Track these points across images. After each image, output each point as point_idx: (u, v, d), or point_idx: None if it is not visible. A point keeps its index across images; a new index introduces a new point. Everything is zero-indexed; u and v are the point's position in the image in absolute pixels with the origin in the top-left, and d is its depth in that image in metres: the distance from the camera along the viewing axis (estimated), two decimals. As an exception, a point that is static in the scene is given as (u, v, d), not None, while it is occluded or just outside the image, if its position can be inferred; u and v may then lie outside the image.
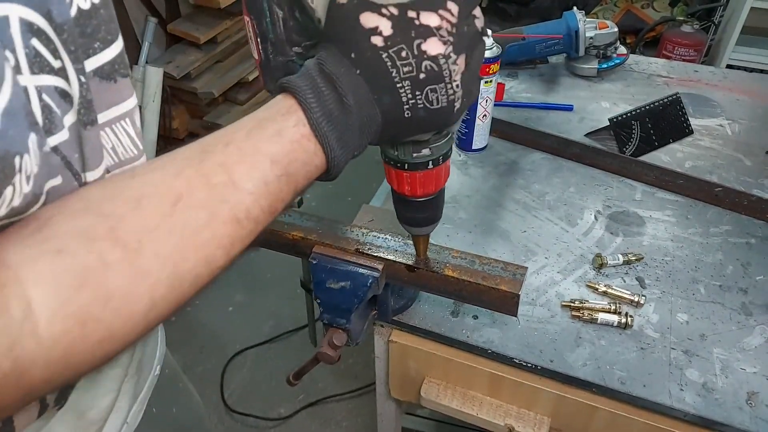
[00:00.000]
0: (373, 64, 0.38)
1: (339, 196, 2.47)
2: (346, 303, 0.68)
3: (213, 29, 2.04)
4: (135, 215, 0.33)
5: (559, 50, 1.27)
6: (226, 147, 0.37)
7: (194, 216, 0.35)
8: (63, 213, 0.33)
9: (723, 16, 2.50)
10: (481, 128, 1.05)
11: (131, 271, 0.33)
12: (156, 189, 0.35)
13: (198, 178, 0.35)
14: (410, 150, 0.49)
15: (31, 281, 0.30)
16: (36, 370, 0.31)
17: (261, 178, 0.37)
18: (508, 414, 0.79)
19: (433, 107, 0.40)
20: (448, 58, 0.39)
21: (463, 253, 0.69)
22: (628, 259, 0.85)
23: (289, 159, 0.38)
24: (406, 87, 0.39)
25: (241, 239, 0.37)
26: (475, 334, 0.77)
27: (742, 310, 0.80)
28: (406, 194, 0.54)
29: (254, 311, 2.08)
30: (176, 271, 0.34)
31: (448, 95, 0.40)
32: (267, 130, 0.38)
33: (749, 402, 0.69)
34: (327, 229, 0.72)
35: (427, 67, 0.38)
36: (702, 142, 1.12)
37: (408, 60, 0.38)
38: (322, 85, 0.39)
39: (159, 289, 0.34)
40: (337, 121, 0.39)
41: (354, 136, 0.40)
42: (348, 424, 1.76)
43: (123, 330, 0.33)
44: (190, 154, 0.37)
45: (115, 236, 0.32)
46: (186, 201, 0.35)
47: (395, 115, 0.41)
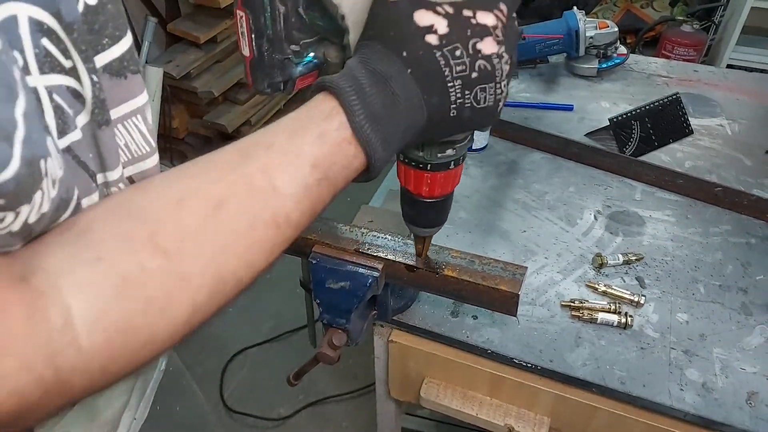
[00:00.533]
0: (426, 63, 0.38)
1: (339, 195, 2.46)
2: (346, 303, 0.68)
3: (213, 29, 2.04)
4: (176, 220, 0.33)
5: (559, 50, 1.27)
6: (267, 150, 0.36)
7: (236, 221, 0.34)
8: (103, 218, 0.33)
9: (723, 15, 2.49)
10: None
11: (172, 277, 0.32)
12: (197, 193, 0.34)
13: (239, 182, 0.35)
14: (437, 150, 0.48)
15: (71, 289, 0.30)
16: (77, 378, 0.31)
17: (302, 183, 0.36)
18: (507, 414, 0.79)
19: (479, 106, 0.40)
20: (501, 58, 0.39)
21: (463, 253, 0.69)
22: (628, 258, 0.85)
23: (329, 162, 0.37)
24: (457, 86, 0.39)
25: (281, 243, 0.37)
26: (474, 334, 0.77)
27: (741, 310, 0.79)
28: (423, 195, 0.53)
29: (254, 311, 2.08)
30: (218, 276, 0.34)
31: (496, 94, 0.40)
32: (309, 133, 0.37)
33: (749, 402, 0.69)
34: (327, 229, 0.72)
35: (480, 67, 0.38)
36: (702, 142, 1.12)
37: (462, 59, 0.38)
38: (367, 85, 0.38)
39: (201, 294, 0.34)
40: (381, 122, 0.38)
41: (398, 138, 0.40)
42: (348, 425, 1.76)
43: (165, 335, 0.33)
44: (231, 157, 0.36)
45: (155, 242, 0.32)
46: (228, 206, 0.34)
47: (441, 114, 0.40)
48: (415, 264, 0.67)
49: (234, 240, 0.34)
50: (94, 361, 0.31)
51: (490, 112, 0.41)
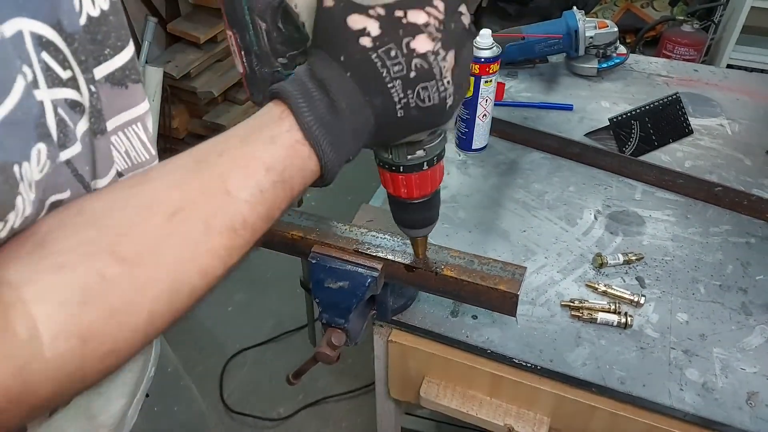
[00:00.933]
0: (363, 65, 0.38)
1: (338, 195, 2.46)
2: (345, 302, 0.68)
3: (213, 29, 2.04)
4: (134, 228, 0.33)
5: (558, 50, 1.27)
6: (220, 157, 0.37)
7: (192, 227, 0.35)
8: (62, 227, 0.33)
9: (723, 15, 2.49)
10: (481, 128, 1.04)
11: (132, 285, 0.33)
12: (154, 201, 0.35)
13: (195, 188, 0.35)
14: (404, 152, 0.49)
15: (35, 299, 0.30)
16: (43, 389, 0.31)
17: (256, 186, 0.37)
18: (507, 414, 0.79)
19: (425, 105, 0.40)
20: (437, 55, 0.39)
21: (462, 253, 0.69)
22: (628, 258, 0.85)
23: (284, 165, 0.38)
24: (397, 86, 0.39)
25: (238, 248, 0.37)
26: (474, 333, 0.77)
27: (742, 310, 0.79)
28: (402, 197, 0.54)
29: (254, 311, 2.08)
30: (175, 284, 0.34)
31: (440, 92, 0.40)
32: (260, 137, 0.38)
33: (749, 402, 0.69)
34: (326, 228, 0.72)
35: (417, 65, 0.38)
36: (702, 142, 1.12)
37: (398, 59, 0.38)
38: (313, 90, 0.39)
39: (159, 302, 0.34)
40: (329, 125, 0.39)
41: (347, 140, 0.40)
42: (347, 424, 1.76)
43: (126, 344, 0.34)
44: (185, 164, 0.37)
45: (114, 250, 0.32)
46: (184, 212, 0.34)
47: (388, 116, 0.40)
48: (413, 264, 0.67)
49: (191, 247, 0.35)
50: (59, 371, 0.31)
51: (439, 111, 0.41)
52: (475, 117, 1.02)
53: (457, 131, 1.06)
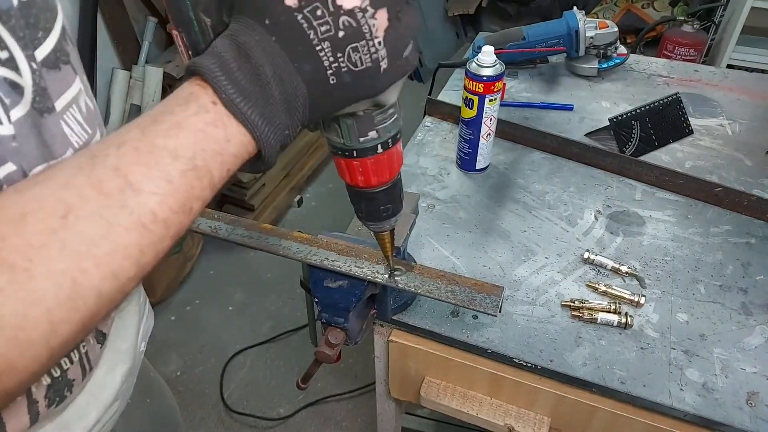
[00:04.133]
0: (288, 27, 0.36)
1: (338, 195, 2.47)
2: (344, 302, 0.68)
3: (213, 29, 2.04)
4: (20, 233, 0.30)
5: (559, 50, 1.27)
6: (119, 149, 0.34)
7: (88, 227, 0.31)
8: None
9: (723, 15, 2.49)
10: (485, 147, 1.00)
11: (23, 295, 0.30)
12: (42, 203, 0.31)
13: (89, 185, 0.32)
14: (355, 133, 0.46)
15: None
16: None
17: (163, 177, 0.34)
18: (507, 414, 0.79)
19: (357, 68, 0.38)
20: (365, 12, 0.36)
21: (445, 274, 0.68)
22: (617, 268, 0.84)
23: (193, 151, 0.35)
24: (326, 49, 0.36)
25: (152, 245, 0.34)
26: (474, 333, 0.77)
27: (742, 310, 0.79)
28: (360, 185, 0.51)
29: (254, 311, 2.08)
30: (76, 290, 0.31)
31: (371, 54, 0.37)
32: (163, 123, 0.35)
33: (749, 402, 0.69)
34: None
35: (345, 23, 0.36)
36: (702, 142, 1.12)
37: (325, 18, 0.36)
38: (231, 59, 0.36)
39: (58, 312, 0.31)
40: (254, 96, 0.36)
41: (279, 111, 0.37)
42: (348, 424, 1.76)
43: (23, 361, 0.31)
44: (80, 162, 0.33)
45: (0, 259, 0.29)
46: (77, 212, 0.31)
47: (320, 83, 0.38)
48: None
49: (90, 248, 0.31)
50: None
51: (372, 74, 0.38)
52: (479, 137, 0.98)
53: (459, 152, 1.03)
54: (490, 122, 0.97)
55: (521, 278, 0.84)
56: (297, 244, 0.72)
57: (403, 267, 0.69)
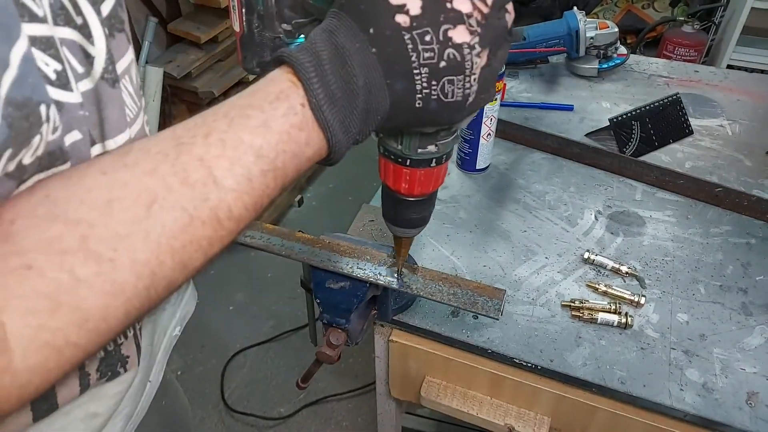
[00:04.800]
0: (393, 44, 0.35)
1: (339, 195, 2.47)
2: (346, 303, 0.68)
3: (214, 28, 2.04)
4: (107, 221, 0.30)
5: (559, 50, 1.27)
6: (205, 138, 0.33)
7: (171, 218, 0.32)
8: (27, 217, 0.30)
9: (723, 16, 2.49)
10: (486, 147, 1.01)
11: (107, 287, 0.30)
12: (128, 190, 0.31)
13: (174, 175, 0.32)
14: (416, 144, 0.45)
15: (2, 307, 0.28)
16: (8, 403, 0.29)
17: (244, 174, 0.33)
18: (508, 414, 0.79)
19: (446, 100, 0.37)
20: (473, 49, 0.36)
21: (448, 276, 0.69)
22: (617, 268, 0.84)
23: (276, 152, 0.34)
24: (424, 74, 0.36)
25: (221, 239, 0.34)
26: (475, 333, 0.77)
27: (742, 310, 0.80)
28: (401, 192, 0.51)
29: (254, 311, 2.08)
30: (153, 281, 0.32)
31: (465, 89, 0.37)
32: (252, 119, 0.34)
33: (749, 402, 0.69)
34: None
35: (449, 56, 0.35)
36: (702, 143, 1.12)
37: (431, 45, 0.35)
38: (327, 60, 0.35)
39: (134, 302, 0.32)
40: (340, 103, 0.36)
41: (357, 120, 0.37)
42: (348, 424, 1.76)
43: (96, 349, 0.32)
44: (165, 146, 0.33)
45: (86, 247, 0.29)
46: (161, 202, 0.31)
47: (406, 103, 0.38)
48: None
49: (170, 240, 0.32)
50: (28, 384, 0.29)
51: (458, 108, 0.38)
52: (480, 137, 0.98)
53: (460, 152, 1.03)
54: (491, 122, 0.98)
55: (521, 278, 0.84)
56: (299, 244, 0.72)
57: (407, 269, 0.69)
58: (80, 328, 0.30)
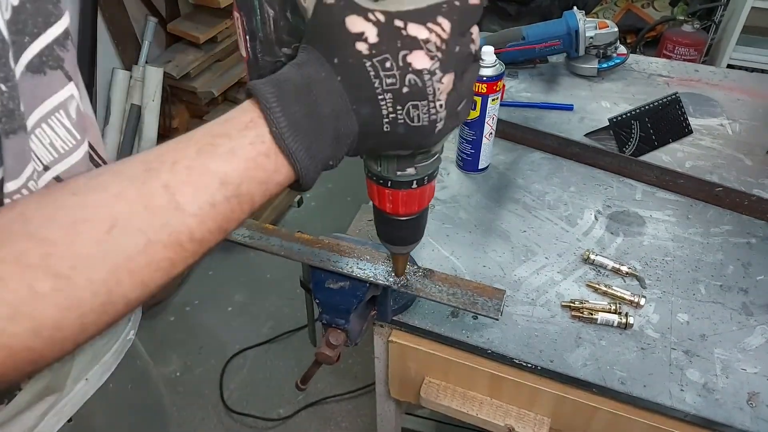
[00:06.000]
0: (355, 71, 0.37)
1: (339, 195, 2.47)
2: (345, 303, 0.68)
3: (213, 28, 2.04)
4: (69, 241, 0.32)
5: (559, 50, 1.27)
6: (173, 166, 0.35)
7: (130, 241, 0.33)
8: (1, 233, 0.32)
9: (723, 15, 2.49)
10: (487, 147, 1.01)
11: (63, 302, 0.32)
12: (93, 212, 0.33)
13: (138, 200, 0.34)
14: (394, 167, 0.47)
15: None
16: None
17: (208, 201, 0.35)
18: (508, 414, 0.79)
19: (413, 124, 0.38)
20: (433, 75, 0.37)
21: (447, 276, 0.69)
22: (617, 268, 0.84)
23: (241, 179, 0.36)
24: (388, 100, 0.37)
25: (184, 260, 0.36)
26: (474, 334, 0.77)
27: (742, 310, 0.79)
28: (387, 212, 0.52)
29: (254, 311, 2.08)
30: (109, 298, 0.34)
31: (430, 114, 0.38)
32: (219, 148, 0.36)
33: (750, 402, 0.69)
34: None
35: (410, 81, 0.37)
36: (702, 142, 1.11)
37: (392, 71, 0.36)
38: (292, 91, 0.37)
39: (90, 316, 0.33)
40: (306, 130, 0.37)
41: (326, 146, 0.38)
42: (347, 425, 1.76)
43: (52, 354, 0.33)
44: (135, 172, 0.35)
45: (47, 264, 0.32)
46: (123, 225, 0.33)
47: (374, 127, 0.39)
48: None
49: (127, 261, 0.34)
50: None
51: (426, 133, 0.39)
52: (482, 137, 0.98)
53: (461, 153, 1.02)
54: (492, 121, 0.98)
55: (521, 278, 0.84)
56: (298, 244, 0.72)
57: (409, 273, 0.69)
58: (35, 336, 0.32)
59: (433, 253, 0.88)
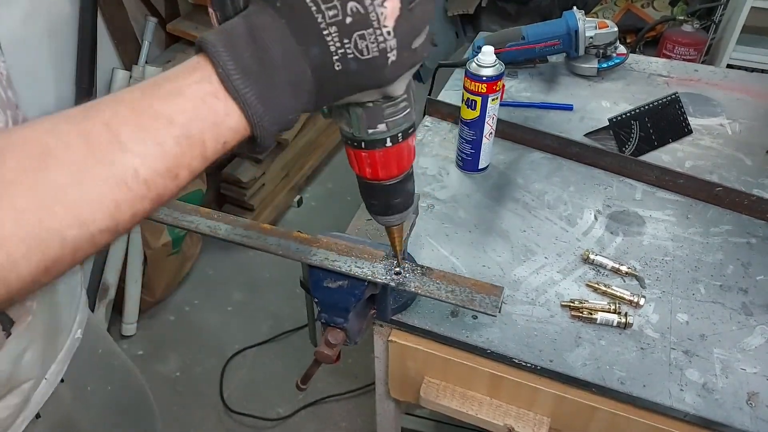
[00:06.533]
0: (297, 10, 0.36)
1: (338, 195, 2.47)
2: (344, 302, 0.68)
3: (212, 28, 2.04)
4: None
5: (558, 50, 1.27)
6: (116, 105, 0.34)
7: (63, 172, 0.32)
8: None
9: (723, 15, 2.49)
10: (488, 146, 1.00)
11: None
12: (23, 142, 0.32)
13: (75, 135, 0.32)
14: (364, 125, 0.46)
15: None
16: None
17: (153, 139, 0.34)
18: (507, 414, 0.79)
19: (363, 57, 0.37)
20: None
21: (446, 274, 0.68)
22: (617, 268, 0.84)
23: (189, 118, 0.35)
24: (333, 34, 0.36)
25: (129, 202, 0.34)
26: (474, 334, 0.76)
27: (742, 310, 0.79)
28: (367, 177, 0.51)
29: (253, 311, 2.08)
30: (39, 229, 0.31)
31: (378, 42, 0.37)
32: (164, 88, 0.35)
33: (749, 402, 0.69)
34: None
35: (352, 9, 0.35)
36: (702, 142, 1.11)
37: (333, 2, 0.35)
38: (239, 36, 0.36)
39: (17, 247, 0.31)
40: (257, 76, 0.36)
41: (283, 94, 0.37)
42: (347, 424, 1.76)
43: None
44: (74, 112, 0.34)
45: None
46: (55, 156, 0.32)
47: (326, 68, 0.38)
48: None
49: (57, 191, 0.32)
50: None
51: (379, 65, 0.38)
52: (482, 137, 0.98)
53: (461, 153, 1.02)
54: (492, 121, 0.98)
55: (521, 278, 0.84)
56: (297, 244, 0.71)
57: (409, 270, 0.69)
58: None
59: (432, 252, 0.88)
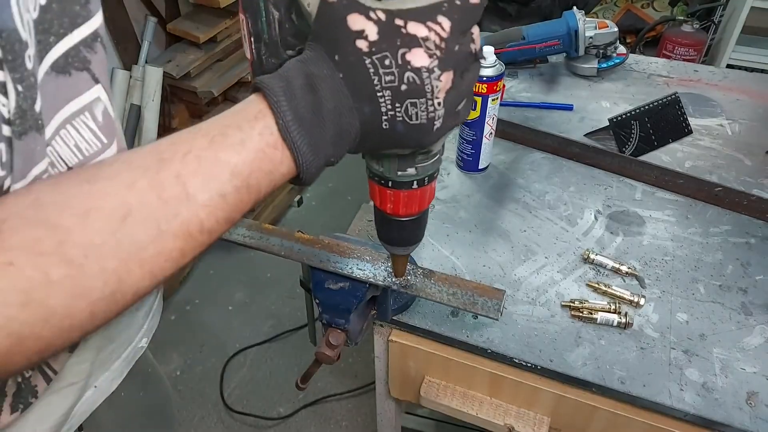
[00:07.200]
0: (356, 69, 0.37)
1: (339, 194, 2.47)
2: (345, 303, 0.68)
3: (213, 28, 2.04)
4: (83, 229, 0.33)
5: (558, 50, 1.27)
6: (184, 156, 0.36)
7: (142, 231, 0.34)
8: (15, 218, 0.32)
9: (723, 15, 2.49)
10: (488, 147, 1.01)
11: (74, 289, 0.33)
12: (106, 201, 0.34)
13: (150, 190, 0.34)
14: (395, 167, 0.47)
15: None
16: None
17: (218, 190, 0.36)
18: (507, 414, 0.79)
19: (411, 122, 0.39)
20: (432, 73, 0.37)
21: (447, 276, 0.68)
22: (617, 268, 0.84)
23: (251, 169, 0.37)
24: (387, 97, 0.38)
25: (193, 250, 0.37)
26: (474, 333, 0.77)
27: (741, 310, 0.79)
28: (387, 212, 0.52)
29: (254, 310, 2.08)
30: (119, 287, 0.34)
31: (428, 112, 0.38)
32: (230, 138, 0.36)
33: (749, 402, 0.69)
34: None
35: (409, 79, 0.37)
36: (702, 142, 1.12)
37: (391, 69, 0.37)
38: (298, 86, 0.37)
39: (100, 305, 0.34)
40: (309, 125, 0.38)
41: (328, 142, 0.39)
42: (347, 424, 1.76)
43: (60, 342, 0.34)
44: (147, 162, 0.36)
45: (61, 251, 0.32)
46: (135, 215, 0.34)
47: (373, 125, 0.39)
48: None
49: (139, 251, 0.34)
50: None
51: (425, 131, 0.39)
52: (482, 137, 0.99)
53: (461, 153, 1.03)
54: (492, 121, 0.98)
55: (521, 278, 0.84)
56: (298, 244, 0.72)
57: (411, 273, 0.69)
58: (44, 323, 0.32)
59: (433, 252, 0.88)
